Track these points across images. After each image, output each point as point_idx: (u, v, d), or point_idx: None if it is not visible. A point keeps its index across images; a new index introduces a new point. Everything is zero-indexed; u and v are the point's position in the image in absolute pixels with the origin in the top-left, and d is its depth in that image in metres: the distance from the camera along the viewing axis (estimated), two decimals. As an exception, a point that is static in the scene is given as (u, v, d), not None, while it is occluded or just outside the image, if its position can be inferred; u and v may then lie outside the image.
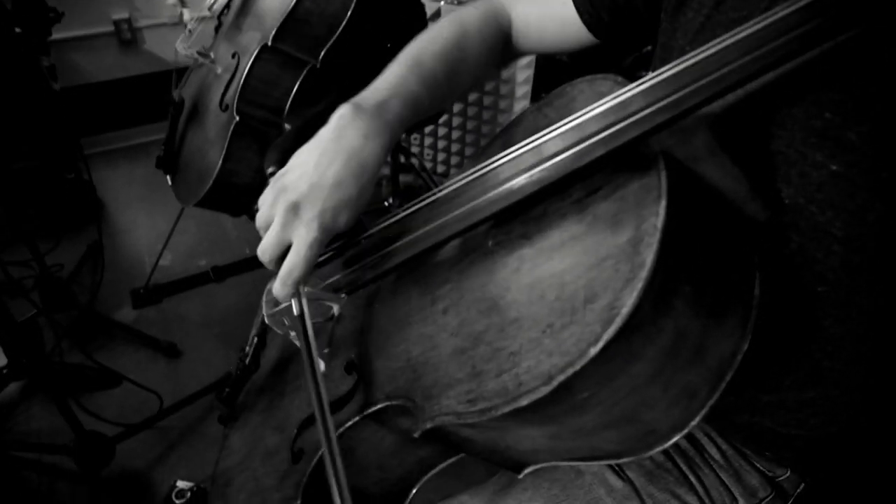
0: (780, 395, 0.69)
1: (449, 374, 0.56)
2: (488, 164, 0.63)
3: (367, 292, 0.76)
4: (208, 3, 1.65)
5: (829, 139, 0.54)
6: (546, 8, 0.84)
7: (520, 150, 0.60)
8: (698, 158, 0.55)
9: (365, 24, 1.42)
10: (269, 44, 1.36)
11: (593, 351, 0.45)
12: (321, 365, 0.76)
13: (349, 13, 1.40)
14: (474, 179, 0.64)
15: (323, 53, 1.40)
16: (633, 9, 0.76)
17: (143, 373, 1.88)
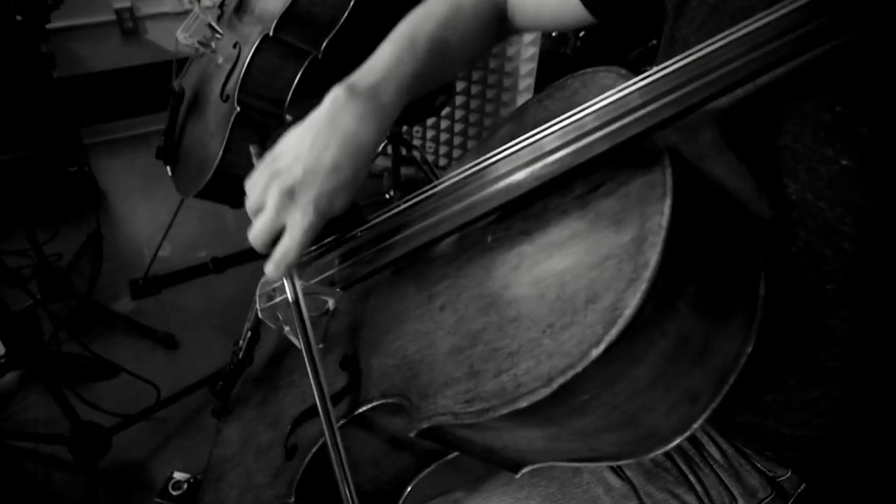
0: (784, 395, 0.68)
1: (446, 373, 0.56)
2: (487, 158, 0.62)
3: (364, 287, 0.75)
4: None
5: (840, 133, 0.53)
6: None
7: (519, 144, 0.59)
8: (704, 156, 0.54)
9: (367, 15, 1.40)
10: (271, 34, 1.35)
11: (595, 353, 0.44)
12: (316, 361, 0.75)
13: (352, 3, 1.38)
14: (473, 174, 0.63)
15: (325, 44, 1.39)
16: None
17: (141, 364, 1.88)
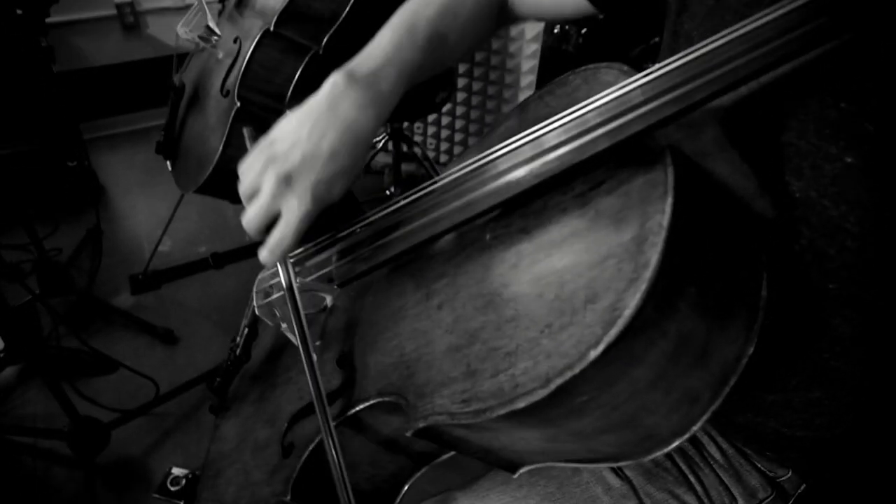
0: (785, 395, 0.67)
1: (443, 373, 0.55)
2: (486, 154, 0.61)
3: (361, 284, 0.74)
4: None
5: (845, 130, 0.52)
6: None
7: (519, 141, 0.58)
8: (706, 153, 0.53)
9: (368, 11, 1.39)
10: (272, 29, 1.34)
11: (593, 354, 0.43)
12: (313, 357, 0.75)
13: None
14: (472, 171, 0.62)
15: (326, 39, 1.38)
16: None
17: (140, 359, 1.88)
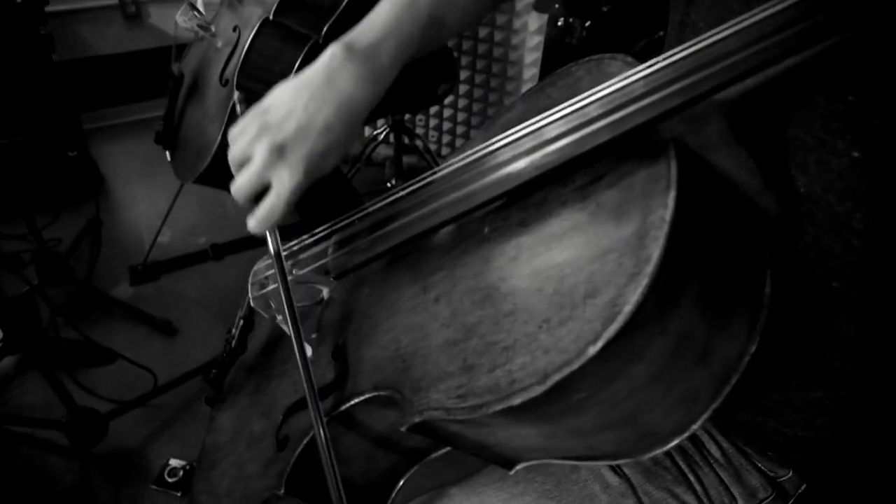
0: (787, 395, 0.66)
1: (439, 367, 0.54)
2: (486, 145, 0.61)
3: (358, 276, 0.74)
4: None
5: (852, 124, 0.51)
6: None
7: (519, 132, 0.57)
8: (711, 147, 0.52)
9: (368, 1, 1.38)
10: (271, 17, 1.33)
11: (592, 350, 0.43)
12: (308, 350, 0.74)
13: (353, -12, 1.36)
14: (472, 162, 0.62)
15: (326, 28, 1.37)
16: None
17: (139, 350, 1.87)
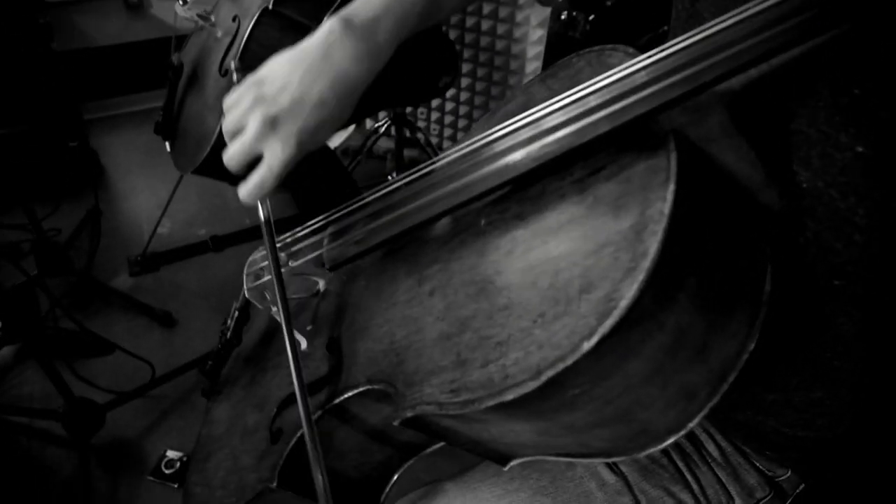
0: (786, 395, 0.65)
1: (433, 361, 0.54)
2: (484, 136, 0.60)
3: (354, 268, 0.73)
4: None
5: (857, 118, 0.49)
6: None
7: (518, 122, 0.56)
8: (712, 139, 0.51)
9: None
10: (271, 7, 1.32)
11: (586, 346, 0.42)
12: (303, 342, 0.74)
13: (354, -22, 1.35)
14: (469, 153, 0.61)
15: (326, 18, 1.36)
16: None
17: (138, 341, 1.87)
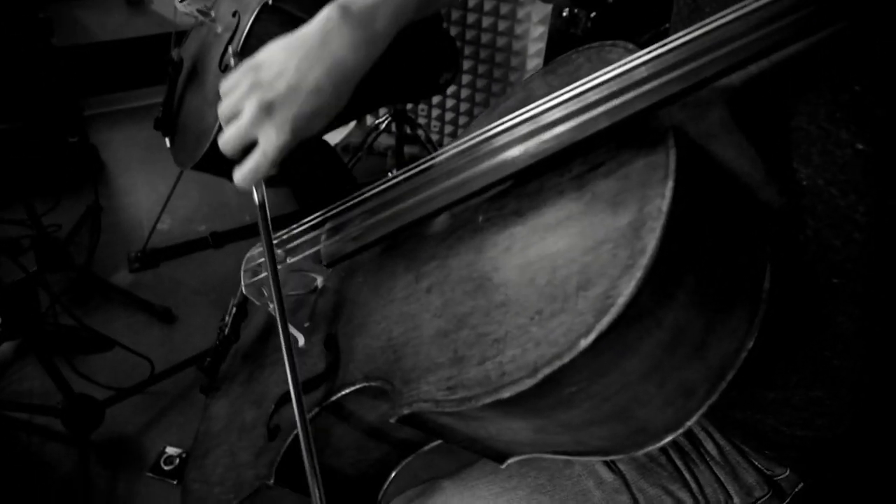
0: (785, 394, 0.65)
1: (430, 358, 0.53)
2: (483, 132, 0.59)
3: (352, 264, 0.73)
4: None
5: (857, 114, 0.49)
6: None
7: (516, 118, 0.56)
8: (712, 136, 0.51)
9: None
10: (270, 2, 1.32)
11: (584, 343, 0.42)
12: (300, 339, 0.73)
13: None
14: (466, 149, 0.60)
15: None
16: None
17: (138, 337, 1.87)
